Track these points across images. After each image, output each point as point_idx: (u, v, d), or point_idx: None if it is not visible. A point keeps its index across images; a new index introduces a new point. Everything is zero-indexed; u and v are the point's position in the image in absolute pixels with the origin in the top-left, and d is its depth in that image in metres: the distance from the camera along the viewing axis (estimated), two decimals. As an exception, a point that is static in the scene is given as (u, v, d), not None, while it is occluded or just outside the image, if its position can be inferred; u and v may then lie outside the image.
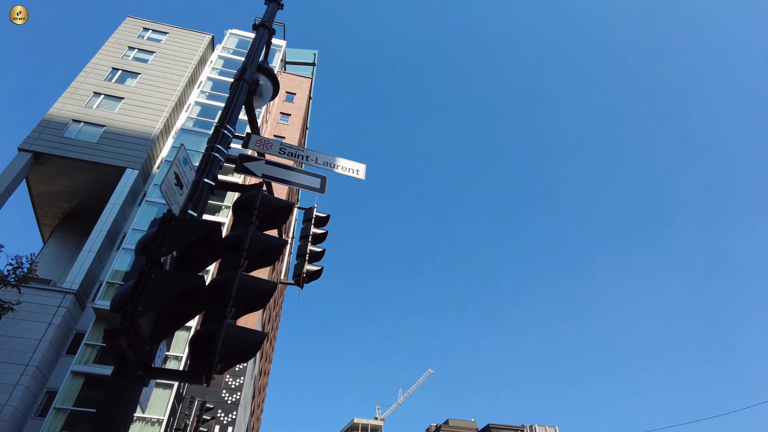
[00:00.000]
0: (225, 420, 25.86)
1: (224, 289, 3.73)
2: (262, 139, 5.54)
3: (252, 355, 3.67)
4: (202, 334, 3.53)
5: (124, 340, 3.06)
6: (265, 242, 4.23)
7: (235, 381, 27.32)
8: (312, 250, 8.97)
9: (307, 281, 8.74)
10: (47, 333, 22.32)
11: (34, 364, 21.37)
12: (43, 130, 29.24)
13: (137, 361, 3.30)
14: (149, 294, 3.07)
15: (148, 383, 3.44)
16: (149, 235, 3.44)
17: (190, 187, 4.41)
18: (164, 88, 34.37)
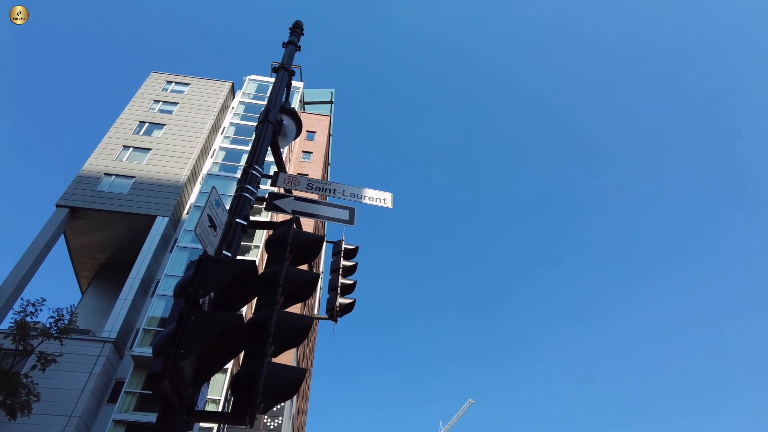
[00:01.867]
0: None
1: (263, 327, 3.74)
2: (290, 176, 5.65)
3: (294, 393, 3.63)
4: (242, 374, 3.52)
5: (168, 384, 3.07)
6: (299, 277, 4.25)
7: (273, 422, 27.06)
8: (343, 282, 8.96)
9: (340, 315, 8.71)
10: (89, 382, 22.67)
11: (77, 415, 21.64)
12: (78, 186, 30.51)
13: (181, 406, 3.29)
14: (190, 336, 3.09)
15: (192, 427, 3.42)
16: (187, 277, 3.49)
17: (223, 228, 4.49)
18: (189, 136, 35.62)
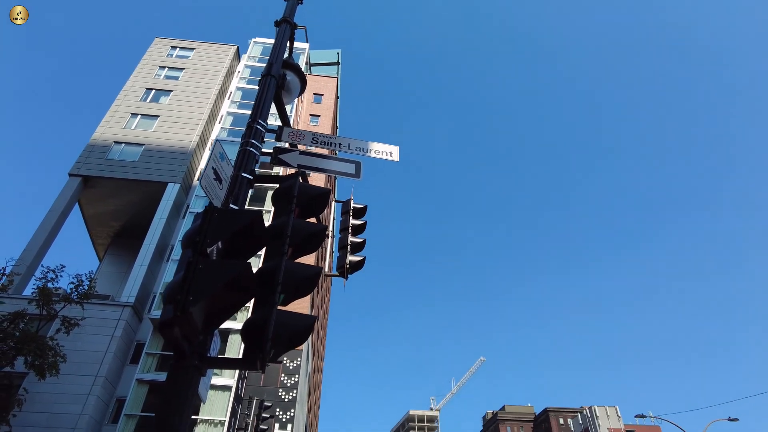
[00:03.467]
0: (284, 418, 26.50)
1: (271, 276, 3.76)
2: (295, 130, 5.57)
3: (304, 339, 3.69)
4: (253, 321, 3.57)
5: (179, 331, 3.12)
6: (306, 229, 4.25)
7: (290, 379, 27.94)
8: (353, 241, 9.01)
9: (350, 272, 8.79)
10: (111, 345, 23.45)
11: (102, 375, 22.50)
12: (88, 155, 30.67)
13: (193, 352, 3.36)
14: (198, 284, 3.12)
15: (205, 372, 3.51)
16: (194, 228, 3.50)
17: (229, 182, 4.48)
18: (196, 102, 35.36)
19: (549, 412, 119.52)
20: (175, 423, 3.17)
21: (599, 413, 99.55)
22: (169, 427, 3.14)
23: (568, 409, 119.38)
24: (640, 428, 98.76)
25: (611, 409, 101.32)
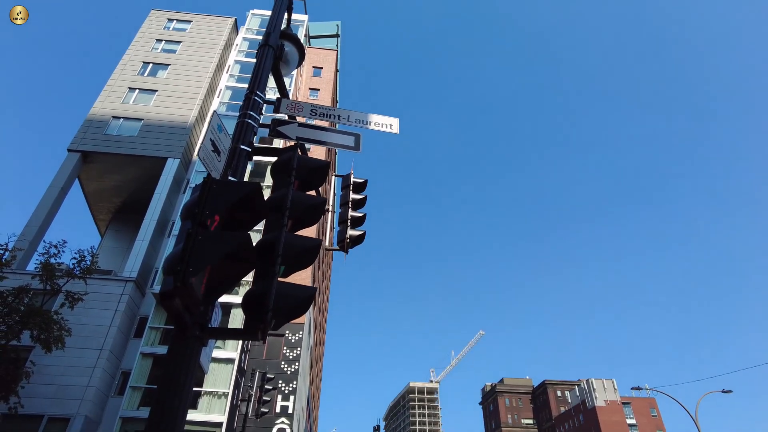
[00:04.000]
0: (286, 389, 27.01)
1: (271, 247, 3.76)
2: (293, 102, 5.50)
3: (305, 310, 3.71)
4: (253, 292, 3.59)
5: (179, 302, 3.14)
6: (305, 201, 4.23)
7: (292, 352, 28.37)
8: (353, 215, 9.01)
9: (351, 246, 8.82)
10: (115, 319, 23.73)
11: (107, 348, 22.85)
12: (87, 130, 30.44)
13: (194, 323, 3.39)
14: (198, 255, 3.12)
15: (206, 343, 3.54)
16: (193, 199, 3.48)
17: (227, 154, 4.44)
18: (194, 75, 34.90)
19: (547, 384, 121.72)
20: (177, 393, 3.22)
21: (596, 386, 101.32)
22: (172, 396, 3.18)
23: (565, 382, 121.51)
24: (636, 400, 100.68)
25: (608, 382, 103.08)
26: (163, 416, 3.10)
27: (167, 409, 3.13)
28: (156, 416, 3.13)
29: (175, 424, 3.11)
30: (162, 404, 3.16)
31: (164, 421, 3.09)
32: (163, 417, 3.10)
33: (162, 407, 3.14)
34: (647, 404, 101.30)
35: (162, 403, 3.16)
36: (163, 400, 3.18)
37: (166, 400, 3.18)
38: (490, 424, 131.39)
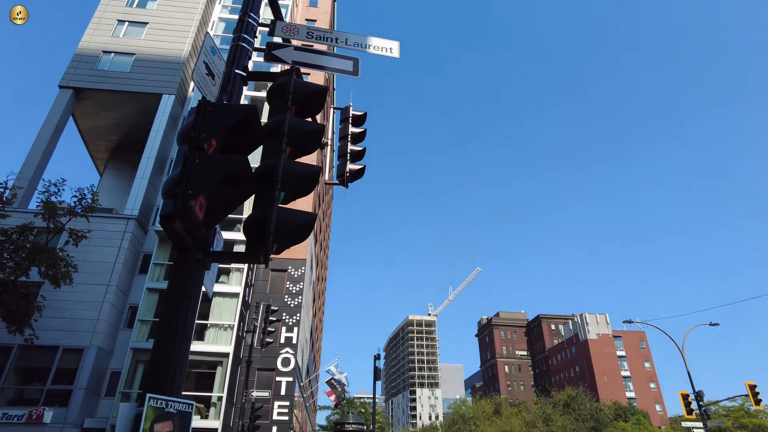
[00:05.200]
0: (290, 321, 28.02)
1: (270, 173, 3.74)
2: (288, 24, 5.26)
3: (306, 236, 3.74)
4: (254, 217, 3.61)
5: (180, 225, 3.16)
6: (303, 127, 4.15)
7: (295, 286, 29.15)
8: (352, 149, 8.90)
9: (351, 180, 8.78)
10: (119, 256, 24.16)
11: (114, 284, 23.43)
12: (77, 65, 29.49)
13: (196, 246, 3.43)
14: (196, 178, 3.10)
15: (209, 266, 3.60)
16: (189, 122, 3.41)
17: (222, 78, 4.31)
18: (186, 7, 33.35)
19: (541, 318, 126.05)
20: (181, 313, 3.31)
21: (589, 320, 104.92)
22: (176, 317, 3.28)
23: (559, 316, 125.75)
24: (627, 333, 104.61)
25: (601, 316, 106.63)
26: (169, 334, 3.21)
27: (173, 328, 3.24)
28: (162, 335, 3.24)
29: (181, 343, 3.22)
30: (167, 324, 3.26)
31: (170, 338, 3.20)
32: (169, 335, 3.21)
33: (168, 327, 3.25)
34: (637, 337, 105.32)
35: (167, 323, 3.26)
36: (169, 320, 3.28)
37: (171, 320, 3.28)
38: (485, 354, 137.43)
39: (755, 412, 45.08)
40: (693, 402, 29.94)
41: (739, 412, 47.06)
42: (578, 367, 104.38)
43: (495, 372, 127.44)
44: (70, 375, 21.53)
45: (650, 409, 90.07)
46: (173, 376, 3.12)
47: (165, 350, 3.18)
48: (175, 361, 3.17)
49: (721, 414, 45.60)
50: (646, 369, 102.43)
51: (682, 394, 30.56)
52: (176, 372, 3.14)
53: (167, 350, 3.17)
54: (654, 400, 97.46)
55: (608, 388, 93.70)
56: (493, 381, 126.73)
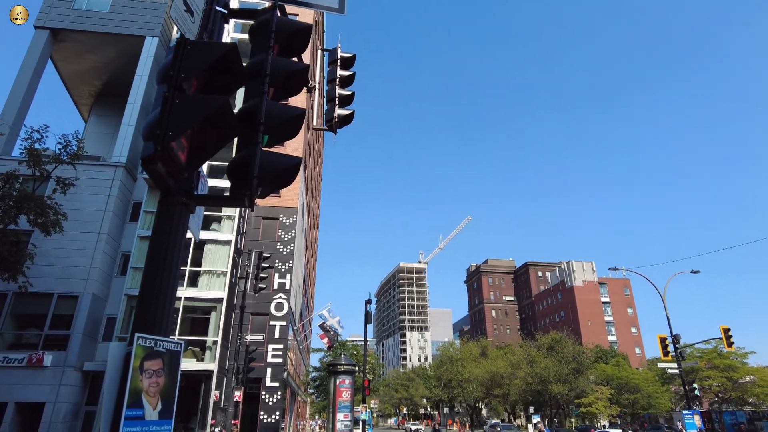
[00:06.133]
0: (283, 268, 28.43)
1: (252, 115, 3.66)
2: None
3: (291, 179, 3.72)
4: (237, 160, 3.56)
5: (162, 167, 3.12)
6: (287, 67, 4.02)
7: (287, 234, 29.36)
8: (341, 93, 8.70)
9: (339, 126, 8.64)
10: (109, 204, 24.01)
11: (105, 232, 23.42)
12: (52, 4, 28.05)
13: (180, 189, 3.40)
14: (176, 118, 3.04)
15: (194, 209, 3.59)
16: (167, 62, 3.30)
17: (201, 16, 4.12)
18: (165, -60, 31.40)
19: (529, 265, 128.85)
20: (167, 255, 3.33)
21: (576, 267, 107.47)
22: (162, 259, 3.30)
23: (546, 264, 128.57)
24: (612, 281, 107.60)
25: (587, 263, 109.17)
26: (156, 276, 3.25)
27: (159, 270, 3.27)
28: (149, 277, 3.27)
29: (168, 285, 3.27)
30: (154, 266, 3.29)
31: (157, 280, 3.24)
32: (156, 277, 3.25)
33: (154, 269, 3.28)
34: (621, 284, 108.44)
35: (154, 265, 3.29)
36: (155, 262, 3.30)
37: (158, 262, 3.30)
38: (473, 300, 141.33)
39: (727, 354, 47.31)
40: (670, 345, 31.32)
41: (712, 354, 49.37)
42: (563, 313, 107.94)
43: (482, 316, 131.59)
44: (67, 321, 21.92)
45: (630, 352, 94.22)
46: (161, 317, 3.18)
47: (152, 292, 3.22)
48: (162, 302, 3.23)
49: (695, 356, 47.82)
50: (628, 315, 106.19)
51: (660, 337, 31.90)
52: (164, 313, 3.21)
53: (154, 292, 3.22)
54: (634, 344, 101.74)
55: (591, 333, 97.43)
56: (481, 325, 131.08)
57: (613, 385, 58.59)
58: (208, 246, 24.06)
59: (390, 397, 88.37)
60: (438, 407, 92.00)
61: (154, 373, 3.00)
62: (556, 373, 51.40)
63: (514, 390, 55.13)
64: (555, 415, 60.31)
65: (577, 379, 52.01)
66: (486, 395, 61.90)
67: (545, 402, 56.36)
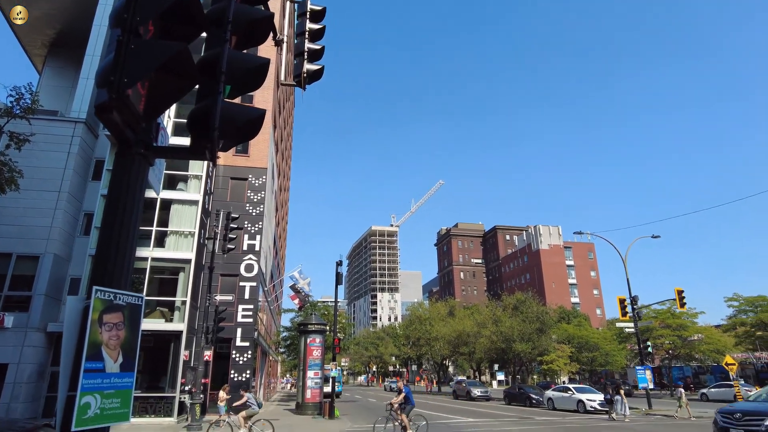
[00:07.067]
0: (252, 229, 28.16)
1: (213, 64, 3.52)
2: None
3: (255, 132, 3.63)
4: (197, 110, 3.44)
5: (117, 116, 2.99)
6: (251, 14, 3.86)
7: (256, 195, 28.93)
8: (310, 47, 8.45)
9: (308, 82, 8.42)
10: (69, 161, 23.07)
11: (66, 190, 22.59)
12: (-2, -58, 25.87)
13: (138, 140, 3.28)
14: (132, 64, 2.88)
15: (153, 162, 3.48)
16: (121, 3, 3.10)
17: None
18: None
19: (497, 229, 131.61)
20: (126, 209, 3.23)
21: (542, 231, 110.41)
22: (121, 211, 3.20)
23: (514, 227, 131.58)
24: (577, 245, 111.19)
25: (554, 228, 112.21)
26: (114, 228, 3.16)
27: (118, 222, 3.18)
28: (107, 229, 3.17)
29: (128, 237, 3.18)
30: (112, 218, 3.19)
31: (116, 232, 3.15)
32: (115, 229, 3.16)
33: (113, 221, 3.18)
34: (586, 248, 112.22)
35: (112, 217, 3.19)
36: (113, 214, 3.20)
37: (116, 215, 3.20)
38: (443, 262, 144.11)
39: (679, 314, 50.05)
40: (628, 306, 32.85)
41: (666, 314, 52.16)
42: (529, 275, 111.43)
43: (451, 278, 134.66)
44: (29, 281, 21.33)
45: (591, 312, 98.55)
46: (120, 271, 3.12)
47: (110, 245, 3.14)
48: (121, 256, 3.15)
49: (651, 316, 50.41)
50: (591, 277, 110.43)
51: (619, 299, 33.40)
52: (123, 267, 3.14)
53: (113, 245, 3.13)
54: (595, 305, 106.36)
55: (555, 294, 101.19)
56: (449, 286, 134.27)
57: (574, 344, 61.48)
58: (174, 206, 23.54)
59: (360, 356, 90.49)
60: (406, 365, 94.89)
61: (114, 326, 2.96)
62: (520, 332, 53.41)
63: (480, 348, 57.12)
64: (518, 372, 63.12)
65: (540, 338, 54.22)
66: (453, 353, 64.00)
67: (509, 359, 58.78)
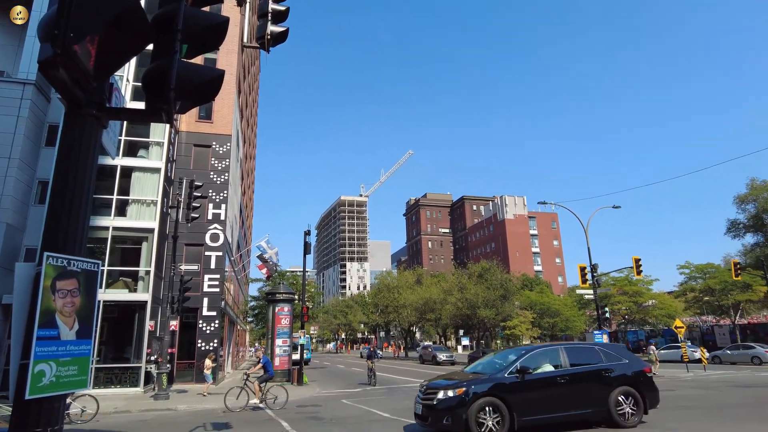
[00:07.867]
0: (217, 198, 27.57)
1: (169, 21, 3.34)
2: None
3: (214, 93, 3.50)
4: (152, 70, 3.28)
5: (64, 73, 2.82)
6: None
7: (221, 163, 28.20)
8: (274, 8, 8.14)
9: (272, 45, 8.14)
10: (19, 126, 21.83)
11: (16, 156, 21.45)
12: None
13: (89, 101, 3.11)
14: (78, 17, 2.71)
15: (106, 124, 3.32)
16: (63, -50, 2.88)
17: None
18: None
19: (465, 199, 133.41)
20: (78, 172, 3.08)
21: (508, 201, 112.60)
22: (73, 173, 3.06)
23: (481, 198, 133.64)
24: (540, 215, 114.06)
25: (519, 198, 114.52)
26: (67, 190, 3.02)
27: (70, 184, 3.04)
28: (58, 192, 3.04)
29: (81, 200, 3.06)
30: (64, 180, 3.05)
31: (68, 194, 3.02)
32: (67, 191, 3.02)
33: (64, 183, 3.04)
34: (549, 218, 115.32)
35: (64, 179, 3.05)
36: (65, 177, 3.05)
37: (68, 177, 3.05)
38: (411, 232, 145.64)
39: (636, 281, 52.46)
40: (588, 274, 34.13)
41: (623, 282, 54.57)
42: (494, 244, 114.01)
43: (419, 247, 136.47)
44: (-21, 252, 20.40)
45: (553, 280, 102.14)
46: (74, 236, 3.00)
47: (62, 210, 3.00)
48: (75, 221, 3.03)
49: (610, 283, 52.67)
50: (554, 246, 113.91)
51: (580, 266, 34.62)
52: (77, 232, 3.02)
53: (65, 210, 3.00)
54: (557, 273, 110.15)
55: (519, 263, 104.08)
56: (417, 255, 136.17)
57: (536, 310, 63.82)
58: (136, 173, 22.75)
59: (329, 324, 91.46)
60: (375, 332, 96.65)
61: (69, 293, 2.87)
62: (484, 299, 54.96)
63: (446, 314, 58.57)
64: (482, 337, 65.26)
65: (504, 304, 55.98)
66: (420, 320, 65.44)
67: (474, 325, 60.63)
